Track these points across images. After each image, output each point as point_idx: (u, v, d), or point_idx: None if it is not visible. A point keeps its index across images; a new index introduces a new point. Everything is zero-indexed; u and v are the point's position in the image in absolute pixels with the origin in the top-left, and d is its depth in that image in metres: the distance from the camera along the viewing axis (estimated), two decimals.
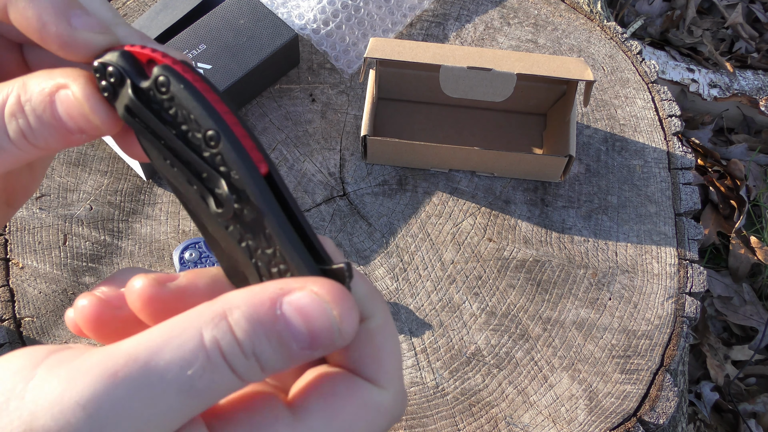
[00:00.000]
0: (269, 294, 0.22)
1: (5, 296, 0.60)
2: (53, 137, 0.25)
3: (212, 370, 0.20)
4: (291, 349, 0.22)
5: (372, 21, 0.73)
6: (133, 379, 0.20)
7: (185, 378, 0.20)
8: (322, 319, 0.22)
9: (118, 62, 0.24)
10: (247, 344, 0.21)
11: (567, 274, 0.63)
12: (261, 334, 0.21)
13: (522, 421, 0.57)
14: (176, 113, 0.24)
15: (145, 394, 0.20)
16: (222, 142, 0.23)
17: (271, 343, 0.21)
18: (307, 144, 0.68)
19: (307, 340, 0.22)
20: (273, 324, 0.21)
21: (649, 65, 0.74)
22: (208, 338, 0.21)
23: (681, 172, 0.69)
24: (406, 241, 0.64)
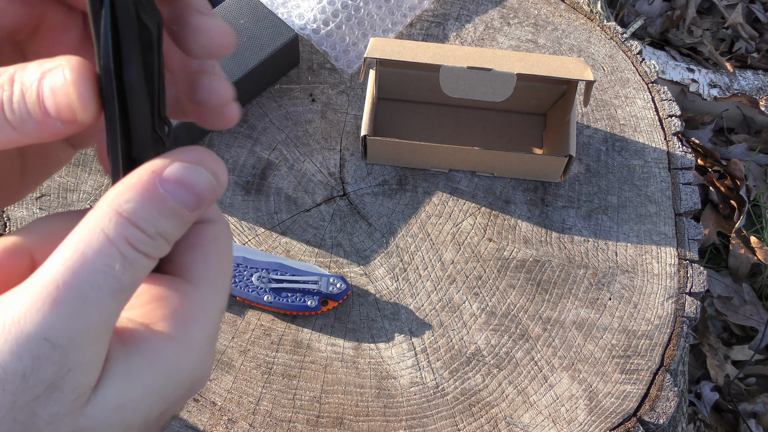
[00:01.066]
0: (146, 179, 0.24)
1: None
2: (30, 118, 0.25)
3: (131, 263, 0.23)
4: (185, 215, 0.25)
5: (372, 21, 0.73)
6: (70, 298, 0.22)
7: (112, 279, 0.23)
8: (200, 180, 0.25)
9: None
10: (149, 228, 0.24)
11: (567, 274, 0.63)
12: (157, 215, 0.24)
13: (522, 421, 0.57)
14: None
15: (85, 306, 0.22)
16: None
17: (169, 218, 0.24)
18: (307, 144, 0.68)
19: (195, 202, 0.25)
20: (163, 202, 0.24)
21: (649, 65, 0.74)
22: (116, 237, 0.23)
23: (681, 172, 0.69)
24: (406, 241, 0.64)
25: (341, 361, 0.59)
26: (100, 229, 0.23)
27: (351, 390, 0.58)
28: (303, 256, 0.63)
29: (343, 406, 0.57)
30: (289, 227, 0.64)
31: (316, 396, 0.58)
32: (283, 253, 0.63)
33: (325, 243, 0.64)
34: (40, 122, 0.25)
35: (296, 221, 0.64)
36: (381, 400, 0.58)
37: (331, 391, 0.58)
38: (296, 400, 0.57)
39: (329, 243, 0.64)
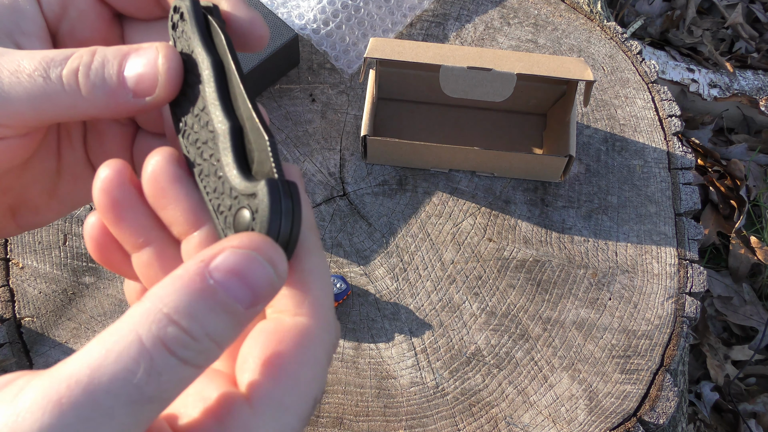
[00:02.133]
0: (194, 270, 0.21)
1: (5, 296, 0.60)
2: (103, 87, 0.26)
3: (159, 372, 0.19)
4: (238, 312, 0.21)
5: (372, 21, 0.73)
6: (78, 402, 0.19)
7: (132, 387, 0.19)
8: (254, 268, 0.21)
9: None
10: (194, 327, 0.20)
11: (567, 274, 0.63)
12: (205, 310, 0.20)
13: (522, 421, 0.57)
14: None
15: (94, 414, 0.19)
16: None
17: (219, 315, 0.20)
18: (307, 144, 0.68)
19: (250, 296, 0.21)
20: (213, 295, 0.20)
21: (649, 65, 0.74)
22: (148, 339, 0.20)
23: (681, 172, 0.69)
24: (406, 241, 0.64)
25: (341, 361, 0.59)
26: (134, 327, 0.20)
27: (351, 390, 0.58)
28: None
29: (343, 406, 0.57)
30: None
31: None
32: None
33: (325, 243, 0.64)
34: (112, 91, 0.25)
35: None
36: (381, 400, 0.58)
37: (331, 391, 0.58)
38: None
39: (329, 243, 0.64)
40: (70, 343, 0.59)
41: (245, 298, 0.21)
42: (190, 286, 0.20)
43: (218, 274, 0.21)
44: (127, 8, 0.31)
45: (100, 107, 0.26)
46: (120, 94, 0.26)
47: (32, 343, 0.58)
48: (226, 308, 0.21)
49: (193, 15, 0.27)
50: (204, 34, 0.27)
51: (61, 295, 0.60)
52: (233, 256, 0.21)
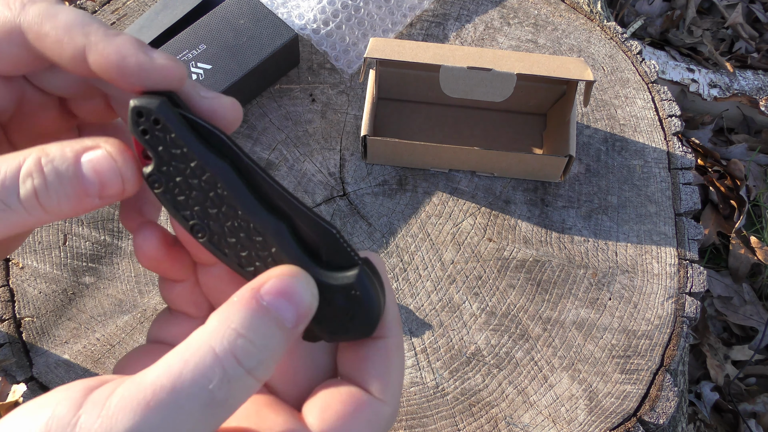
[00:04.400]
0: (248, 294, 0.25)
1: (5, 296, 0.60)
2: (68, 199, 0.26)
3: (229, 379, 0.23)
4: (287, 327, 0.25)
5: (372, 21, 0.73)
6: (164, 405, 0.22)
7: (207, 393, 0.22)
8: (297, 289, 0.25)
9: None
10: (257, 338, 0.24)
11: (567, 274, 0.63)
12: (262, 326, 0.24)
13: (522, 421, 0.57)
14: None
15: (176, 415, 0.22)
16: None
17: (273, 329, 0.24)
18: (307, 144, 0.68)
19: (296, 313, 0.25)
20: (267, 313, 0.24)
21: (649, 65, 0.74)
22: (221, 350, 0.23)
23: (681, 172, 0.69)
24: (406, 241, 0.64)
25: None
26: (207, 340, 0.23)
27: None
28: None
29: None
30: None
31: None
32: None
33: None
34: (78, 202, 0.26)
35: None
36: None
37: None
38: None
39: None
40: (70, 343, 0.59)
41: (291, 316, 0.25)
42: (248, 307, 0.24)
43: (268, 296, 0.25)
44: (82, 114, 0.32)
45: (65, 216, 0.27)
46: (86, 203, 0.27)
47: (32, 343, 0.58)
48: (277, 324, 0.25)
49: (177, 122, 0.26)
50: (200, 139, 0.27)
51: (61, 295, 0.60)
52: (278, 281, 0.26)
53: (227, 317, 0.24)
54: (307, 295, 0.26)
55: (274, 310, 0.25)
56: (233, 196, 0.26)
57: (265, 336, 0.24)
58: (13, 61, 0.28)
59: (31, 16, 0.27)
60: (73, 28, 0.27)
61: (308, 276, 0.27)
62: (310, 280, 0.26)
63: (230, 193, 0.26)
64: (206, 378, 0.23)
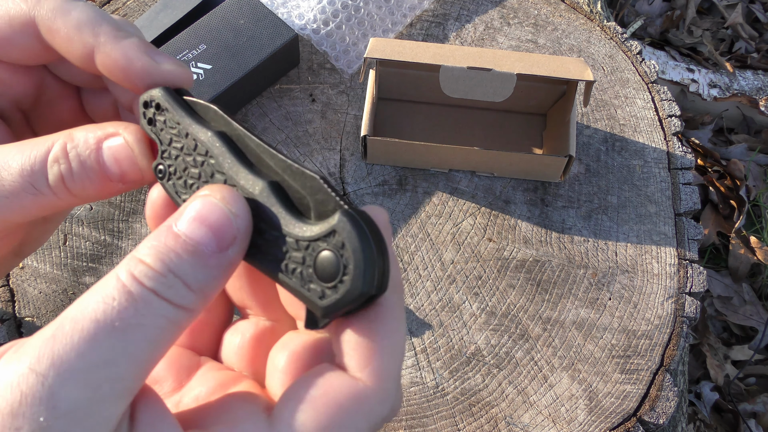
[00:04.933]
0: (164, 224, 0.24)
1: (5, 296, 0.60)
2: (92, 184, 0.27)
3: (134, 298, 0.21)
4: (203, 254, 0.23)
5: (372, 21, 0.73)
6: (67, 333, 0.21)
7: (113, 313, 0.21)
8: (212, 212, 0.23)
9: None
10: (159, 265, 0.22)
11: (567, 274, 0.63)
12: (169, 252, 0.22)
13: (522, 421, 0.57)
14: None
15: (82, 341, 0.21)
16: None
17: (182, 257, 0.22)
18: (307, 144, 0.68)
19: (213, 238, 0.23)
20: (175, 239, 0.23)
21: (649, 65, 0.74)
22: (123, 275, 0.22)
23: (681, 172, 0.69)
24: (406, 241, 0.64)
25: None
26: (114, 272, 0.22)
27: None
28: None
29: None
30: None
31: None
32: None
33: None
34: (102, 187, 0.27)
35: None
36: None
37: None
38: None
39: None
40: None
41: (208, 240, 0.23)
42: (158, 235, 0.23)
43: (182, 223, 0.23)
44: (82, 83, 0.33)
45: (92, 199, 0.27)
46: (109, 186, 0.27)
47: None
48: (188, 250, 0.23)
49: (174, 102, 0.27)
50: (193, 115, 0.27)
51: (61, 295, 0.60)
52: (195, 203, 0.24)
53: (137, 249, 0.23)
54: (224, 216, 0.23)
55: (186, 236, 0.23)
56: (219, 161, 0.26)
57: (173, 263, 0.22)
58: (29, 52, 0.29)
59: (45, 11, 0.27)
60: (84, 26, 0.27)
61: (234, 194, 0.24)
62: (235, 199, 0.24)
63: (217, 160, 0.26)
64: (109, 298, 0.21)
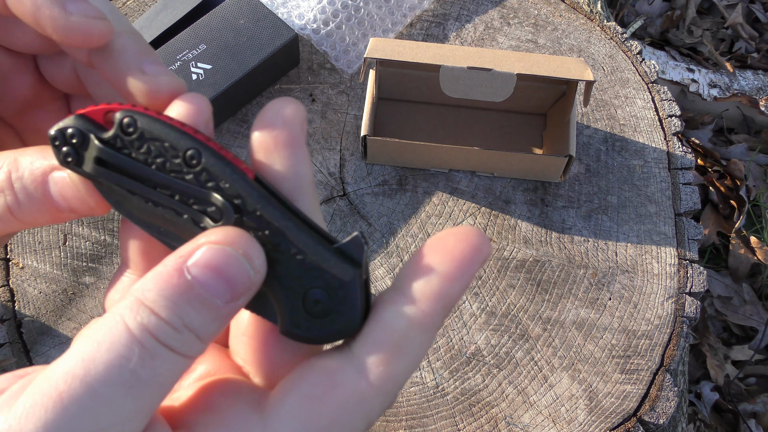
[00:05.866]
0: (172, 265, 0.22)
1: (5, 296, 0.60)
2: (41, 214, 0.25)
3: (151, 356, 0.20)
4: (216, 305, 0.22)
5: (372, 21, 0.73)
6: (78, 395, 0.19)
7: (127, 373, 0.20)
8: (230, 263, 0.22)
9: (75, 123, 0.24)
10: (173, 318, 0.21)
11: (567, 274, 0.63)
12: (183, 304, 0.21)
13: (522, 421, 0.57)
14: (149, 149, 0.24)
15: (94, 403, 0.19)
16: (203, 156, 0.23)
17: (196, 308, 0.21)
18: (307, 144, 0.68)
19: (227, 289, 0.22)
20: (189, 289, 0.21)
21: (649, 65, 0.74)
22: (135, 327, 0.20)
23: (681, 172, 0.69)
24: (406, 241, 0.64)
25: None
26: (121, 318, 0.21)
27: None
28: None
29: None
30: None
31: None
32: None
33: None
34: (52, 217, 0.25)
35: None
36: None
37: None
38: None
39: None
40: (70, 343, 0.59)
41: (223, 293, 0.22)
42: (169, 281, 0.21)
43: (195, 270, 0.21)
44: (56, 84, 0.30)
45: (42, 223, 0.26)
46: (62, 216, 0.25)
47: (32, 343, 0.58)
48: (203, 302, 0.21)
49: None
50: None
51: (61, 295, 0.60)
52: (210, 251, 0.22)
53: (143, 292, 0.21)
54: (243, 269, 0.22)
55: (200, 286, 0.21)
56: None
57: (185, 316, 0.21)
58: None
59: None
60: None
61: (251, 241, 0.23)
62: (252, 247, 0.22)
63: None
64: (123, 358, 0.20)
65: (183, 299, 0.21)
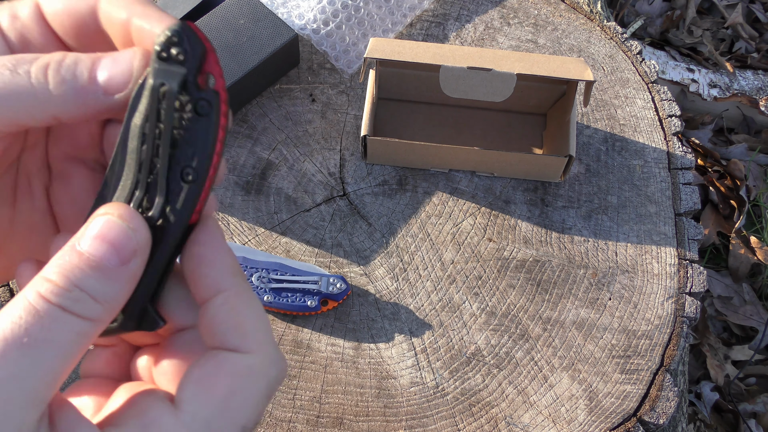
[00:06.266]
0: (68, 245, 0.25)
1: (5, 296, 0.60)
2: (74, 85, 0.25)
3: (41, 315, 0.22)
4: (107, 269, 0.24)
5: (372, 21, 0.73)
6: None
7: (20, 330, 0.22)
8: (112, 229, 0.25)
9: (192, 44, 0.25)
10: (64, 282, 0.23)
11: (567, 274, 0.63)
12: (74, 269, 0.24)
13: (522, 421, 0.57)
14: (184, 127, 0.26)
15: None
16: (190, 186, 0.26)
17: (87, 273, 0.24)
18: (307, 144, 0.68)
19: (114, 252, 0.24)
20: (78, 257, 0.24)
21: (649, 65, 0.74)
22: (31, 295, 0.23)
23: (681, 172, 0.69)
24: (406, 241, 0.64)
25: (341, 361, 0.59)
26: (23, 293, 0.23)
27: (351, 390, 0.58)
28: (303, 256, 0.63)
29: (343, 406, 0.57)
30: (289, 227, 0.64)
31: (316, 396, 0.58)
32: (283, 253, 0.63)
33: (325, 243, 0.64)
34: (83, 88, 0.25)
35: (296, 221, 0.64)
36: (381, 400, 0.58)
37: (331, 391, 0.58)
38: (296, 400, 0.57)
39: (329, 243, 0.64)
40: None
41: (110, 256, 0.24)
42: (62, 255, 0.24)
43: (84, 242, 0.24)
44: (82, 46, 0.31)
45: (68, 105, 0.26)
46: (90, 91, 0.26)
47: None
48: (92, 266, 0.24)
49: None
50: None
51: None
52: (94, 223, 0.25)
53: (44, 270, 0.24)
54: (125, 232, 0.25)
55: (89, 253, 0.24)
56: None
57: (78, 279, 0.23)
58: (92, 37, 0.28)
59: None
60: None
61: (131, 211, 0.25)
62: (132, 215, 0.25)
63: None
64: (16, 316, 0.22)
65: (73, 266, 0.24)
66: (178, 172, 0.26)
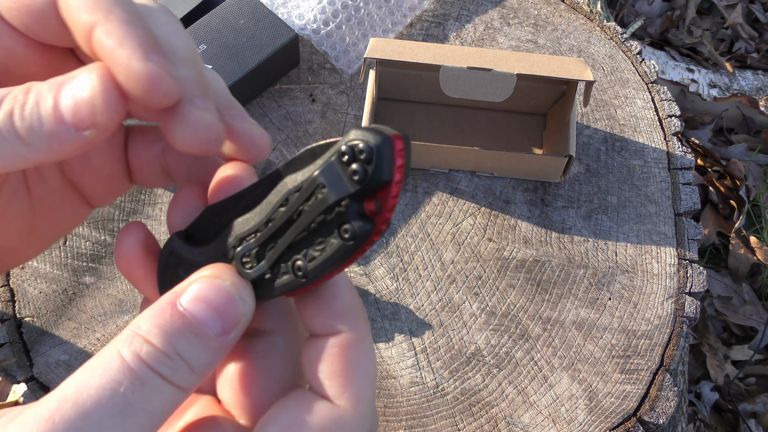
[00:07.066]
0: (166, 300, 0.23)
1: (5, 296, 0.60)
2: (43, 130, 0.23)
3: (142, 382, 0.21)
4: (208, 336, 0.23)
5: (372, 21, 0.73)
6: (69, 417, 0.20)
7: (118, 398, 0.21)
8: (220, 295, 0.23)
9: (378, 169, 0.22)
10: (166, 347, 0.22)
11: (567, 274, 0.63)
12: (175, 333, 0.22)
13: (522, 421, 0.58)
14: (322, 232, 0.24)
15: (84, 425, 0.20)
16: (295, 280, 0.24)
17: (189, 338, 0.22)
18: (307, 144, 0.68)
19: (218, 320, 0.23)
20: (181, 320, 0.22)
21: (649, 65, 0.74)
22: (128, 354, 0.21)
23: (681, 172, 0.69)
24: (406, 241, 0.64)
25: None
26: (115, 349, 0.22)
27: None
28: None
29: None
30: None
31: None
32: None
33: None
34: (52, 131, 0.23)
35: None
36: (381, 400, 0.58)
37: None
38: None
39: None
40: (70, 343, 0.59)
41: (214, 324, 0.23)
42: (162, 313, 0.22)
43: (187, 302, 0.23)
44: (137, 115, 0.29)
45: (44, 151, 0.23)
46: (61, 132, 0.23)
47: (32, 343, 0.58)
48: (195, 333, 0.22)
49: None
50: None
51: (61, 295, 0.60)
52: (201, 285, 0.23)
53: (137, 324, 0.22)
54: (232, 301, 0.23)
55: (192, 316, 0.22)
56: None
57: (178, 344, 0.22)
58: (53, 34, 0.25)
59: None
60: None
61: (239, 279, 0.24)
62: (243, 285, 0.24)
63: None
64: (115, 382, 0.21)
65: (175, 329, 0.22)
66: (294, 258, 0.24)
